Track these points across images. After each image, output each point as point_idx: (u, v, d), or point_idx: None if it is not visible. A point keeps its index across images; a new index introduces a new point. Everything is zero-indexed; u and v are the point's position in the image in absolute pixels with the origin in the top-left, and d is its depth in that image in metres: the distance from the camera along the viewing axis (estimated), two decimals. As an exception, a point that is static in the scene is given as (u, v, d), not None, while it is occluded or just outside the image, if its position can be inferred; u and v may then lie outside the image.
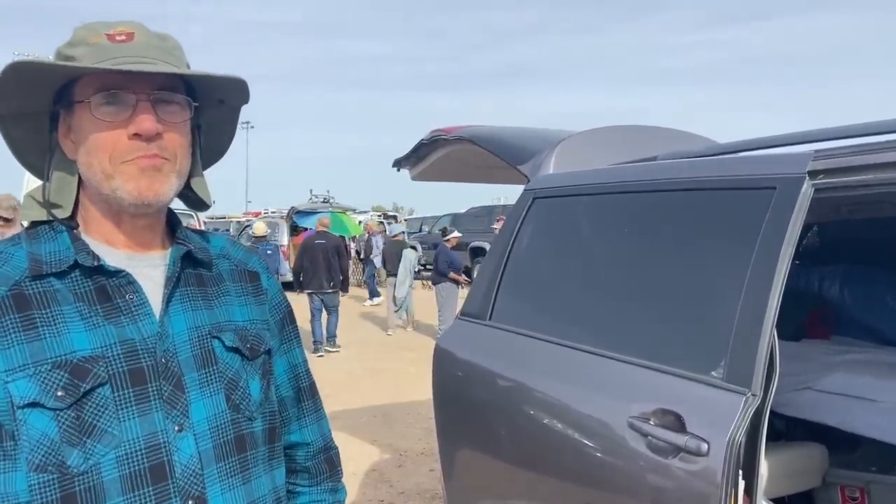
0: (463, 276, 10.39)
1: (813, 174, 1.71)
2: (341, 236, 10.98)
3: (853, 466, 2.64)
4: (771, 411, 1.69)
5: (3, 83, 0.90)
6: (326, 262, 9.73)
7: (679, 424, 1.69)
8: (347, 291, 10.87)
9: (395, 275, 11.49)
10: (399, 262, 11.35)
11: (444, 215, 23.08)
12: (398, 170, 3.84)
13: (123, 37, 0.93)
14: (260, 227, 11.29)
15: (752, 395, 1.60)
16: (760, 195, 1.78)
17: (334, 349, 9.94)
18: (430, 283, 12.49)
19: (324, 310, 9.91)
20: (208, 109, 1.05)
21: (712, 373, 1.69)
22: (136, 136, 0.92)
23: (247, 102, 1.07)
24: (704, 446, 1.61)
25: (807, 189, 1.71)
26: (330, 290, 9.83)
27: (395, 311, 11.59)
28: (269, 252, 10.66)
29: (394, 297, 11.46)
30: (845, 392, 2.61)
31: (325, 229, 10.39)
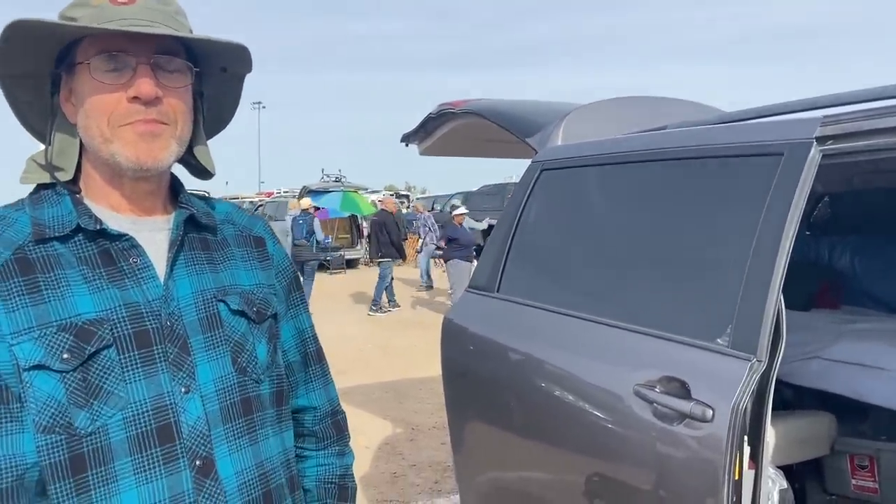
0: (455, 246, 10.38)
1: (821, 140, 1.70)
2: (388, 213, 12.26)
3: (862, 435, 2.65)
4: (779, 380, 1.70)
5: (4, 42, 0.90)
6: (376, 235, 11.65)
7: (684, 391, 1.70)
8: (403, 259, 12.64)
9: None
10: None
11: (455, 193, 23.06)
12: (406, 144, 3.84)
13: None
14: (305, 202, 12.84)
15: (758, 361, 1.60)
16: (768, 161, 1.76)
17: (379, 313, 11.14)
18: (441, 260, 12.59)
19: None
20: (211, 77, 1.04)
21: (718, 340, 1.69)
22: (135, 99, 0.92)
23: (249, 71, 1.06)
24: (710, 412, 1.61)
25: (814, 154, 1.69)
26: (379, 259, 11.51)
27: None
28: (300, 221, 11.89)
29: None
30: (854, 360, 2.61)
31: (383, 208, 12.50)
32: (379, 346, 8.63)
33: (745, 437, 1.61)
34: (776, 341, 1.64)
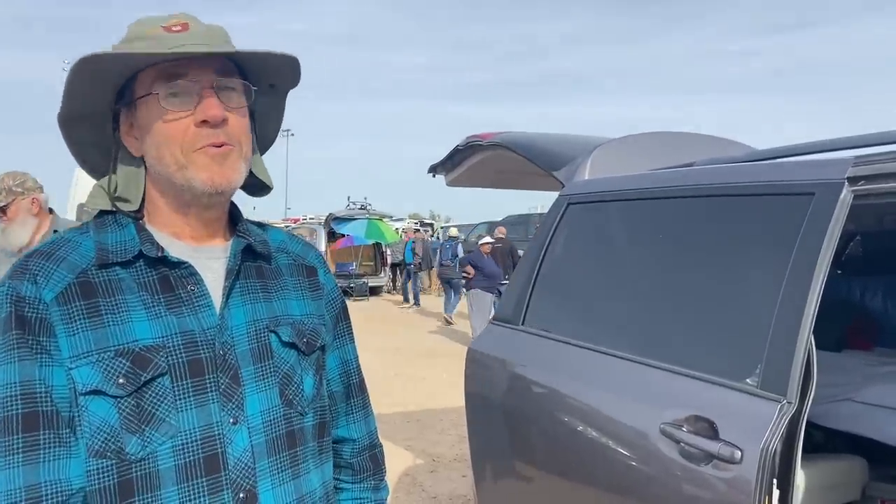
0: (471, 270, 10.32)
1: (852, 180, 1.69)
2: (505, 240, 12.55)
3: (894, 480, 2.58)
4: (810, 422, 1.67)
5: (74, 78, 0.92)
6: (503, 261, 11.43)
7: (712, 431, 1.68)
8: None
9: None
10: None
11: (480, 223, 23.09)
12: (434, 175, 3.87)
13: (179, 27, 0.94)
14: (453, 231, 14.53)
15: (788, 402, 1.58)
16: (798, 201, 1.76)
17: None
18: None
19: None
20: (260, 95, 1.05)
21: (747, 380, 1.68)
22: (204, 123, 0.94)
23: (296, 85, 1.08)
24: (738, 454, 1.59)
25: (846, 195, 1.69)
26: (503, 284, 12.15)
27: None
28: (447, 246, 13.97)
29: None
30: (887, 404, 2.56)
31: (501, 236, 12.69)
32: (401, 374, 8.60)
33: (775, 481, 1.58)
34: (807, 382, 1.62)
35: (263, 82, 1.04)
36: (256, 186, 1.11)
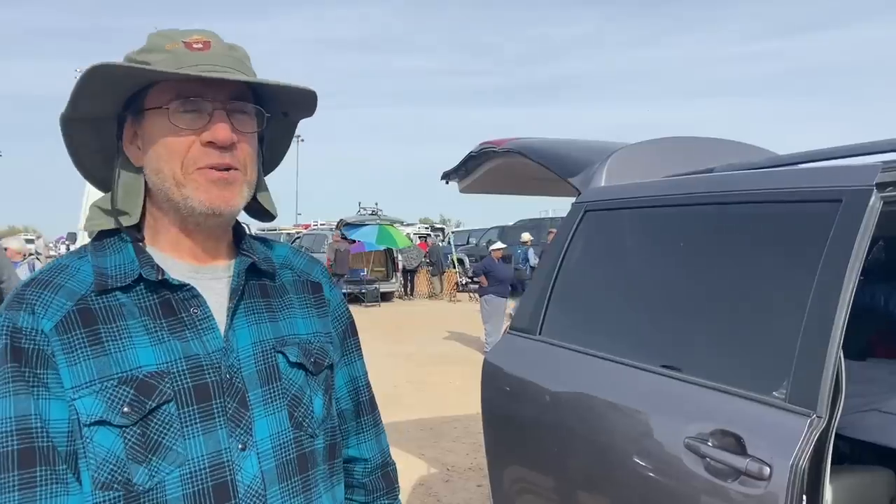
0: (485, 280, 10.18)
1: (881, 186, 1.64)
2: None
3: (924, 493, 2.51)
4: (835, 433, 1.62)
5: (84, 84, 0.88)
6: None
7: (739, 446, 1.63)
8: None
9: None
10: None
11: (491, 228, 23.08)
12: (447, 182, 3.84)
13: (200, 45, 0.92)
14: (525, 236, 14.74)
15: (818, 417, 1.53)
16: (825, 208, 1.71)
17: None
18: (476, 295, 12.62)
19: None
20: (272, 121, 1.03)
21: (774, 393, 1.63)
22: (210, 144, 0.91)
23: (311, 115, 1.06)
24: (767, 470, 1.54)
25: (875, 201, 1.64)
26: None
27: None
28: (518, 251, 14.67)
29: None
30: (915, 414, 2.49)
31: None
32: (413, 382, 8.56)
33: (804, 497, 1.53)
34: (835, 395, 1.57)
35: (277, 109, 1.01)
36: (259, 211, 1.08)
